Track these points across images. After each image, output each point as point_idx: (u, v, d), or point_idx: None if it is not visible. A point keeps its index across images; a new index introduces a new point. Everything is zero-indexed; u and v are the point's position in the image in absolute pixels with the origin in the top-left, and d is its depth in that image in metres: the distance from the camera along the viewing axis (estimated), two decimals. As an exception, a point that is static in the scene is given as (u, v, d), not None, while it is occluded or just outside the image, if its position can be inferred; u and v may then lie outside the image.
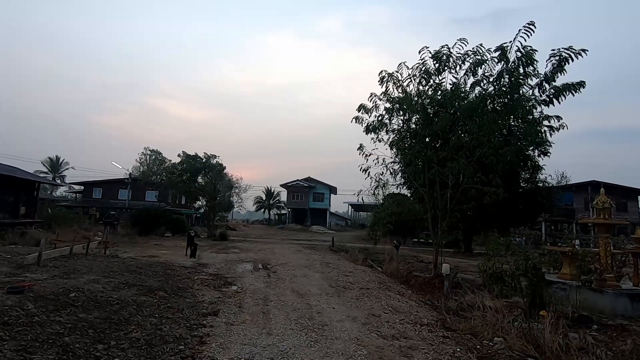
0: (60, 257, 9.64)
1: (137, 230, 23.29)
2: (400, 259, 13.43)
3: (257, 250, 16.85)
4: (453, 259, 15.29)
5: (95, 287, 6.28)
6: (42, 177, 41.33)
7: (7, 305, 4.58)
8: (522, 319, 5.65)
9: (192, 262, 11.60)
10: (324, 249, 19.43)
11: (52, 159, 57.75)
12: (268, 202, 61.20)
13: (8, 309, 4.46)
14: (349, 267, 12.22)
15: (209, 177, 27.73)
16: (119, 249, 14.31)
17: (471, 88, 10.30)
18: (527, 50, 8.74)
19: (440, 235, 11.28)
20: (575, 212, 30.51)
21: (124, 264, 9.60)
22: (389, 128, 11.28)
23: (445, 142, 10.46)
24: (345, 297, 7.62)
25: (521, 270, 6.83)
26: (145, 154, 37.59)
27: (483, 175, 9.91)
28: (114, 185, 40.34)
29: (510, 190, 14.31)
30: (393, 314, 6.52)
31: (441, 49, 9.76)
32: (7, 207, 19.86)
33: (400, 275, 11.01)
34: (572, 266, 7.87)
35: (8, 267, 7.44)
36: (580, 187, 30.81)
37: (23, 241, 14.62)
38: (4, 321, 4.14)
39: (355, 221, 64.23)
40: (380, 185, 11.72)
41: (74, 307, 5.05)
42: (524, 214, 20.70)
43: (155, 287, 7.12)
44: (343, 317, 6.05)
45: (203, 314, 5.81)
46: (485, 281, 8.13)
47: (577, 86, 8.80)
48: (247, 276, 9.67)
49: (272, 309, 6.35)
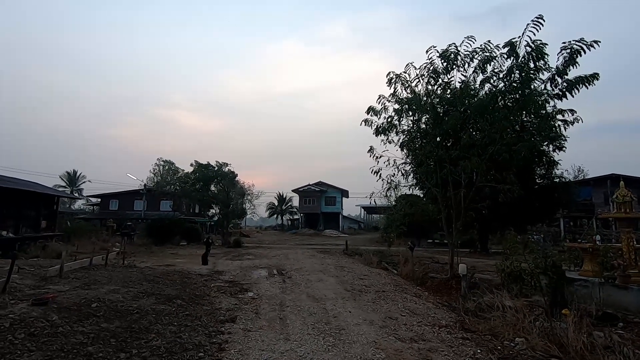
0: (80, 268, 9.85)
1: (153, 239, 23.68)
2: (416, 261, 13.29)
3: (271, 256, 16.92)
4: (469, 259, 15.05)
5: (116, 297, 6.41)
6: (60, 191, 42.54)
7: (33, 317, 4.71)
8: (543, 319, 5.54)
9: (208, 270, 11.72)
10: (338, 252, 19.36)
11: (69, 173, 59.38)
12: (280, 207, 61.47)
13: (34, 320, 4.60)
14: (364, 270, 12.15)
15: (221, 185, 28.06)
16: (136, 258, 14.56)
17: (481, 85, 10.18)
18: (537, 44, 8.59)
19: (455, 235, 11.14)
20: (594, 207, 29.69)
21: (142, 274, 9.76)
22: (398, 129, 11.25)
23: (457, 140, 10.35)
24: (361, 301, 7.59)
25: (540, 268, 6.70)
26: (158, 165, 38.21)
27: (497, 173, 9.76)
28: (129, 197, 41.17)
29: (526, 187, 14.04)
30: (410, 316, 6.45)
31: (449, 48, 9.70)
32: (29, 222, 20.49)
33: (416, 277, 10.90)
34: (594, 263, 7.65)
35: (32, 279, 7.65)
36: (599, 181, 29.96)
37: (45, 254, 15.03)
38: (30, 332, 4.27)
39: (369, 224, 63.86)
40: (392, 186, 11.65)
41: (96, 317, 5.17)
42: (541, 211, 20.26)
43: (173, 295, 7.22)
44: (360, 321, 6.02)
45: (221, 320, 5.87)
46: (504, 280, 7.98)
47: (591, 78, 8.54)
48: (263, 282, 9.72)
49: (288, 315, 6.37)
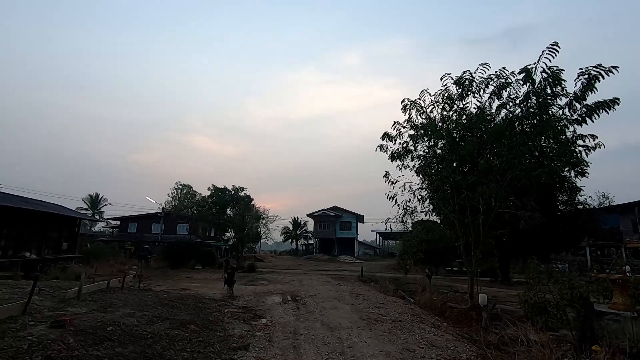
0: (98, 290, 9.98)
1: (169, 263, 23.87)
2: (434, 289, 12.88)
3: (285, 282, 16.72)
4: (490, 289, 14.48)
5: (130, 321, 6.43)
6: (82, 213, 43.81)
7: (50, 339, 4.77)
8: (572, 355, 5.22)
9: (222, 295, 11.65)
10: (353, 279, 18.98)
11: (92, 196, 61.37)
12: (295, 232, 61.19)
13: (51, 343, 4.65)
14: (380, 298, 11.83)
15: (237, 209, 28.34)
16: (151, 282, 14.64)
17: (497, 111, 10.15)
18: (553, 70, 8.58)
19: (475, 263, 10.78)
20: (622, 235, 28.26)
21: (157, 297, 9.79)
22: (414, 155, 11.25)
23: (474, 166, 10.24)
24: (377, 331, 7.35)
25: (567, 300, 6.38)
26: (177, 188, 39.15)
27: (517, 199, 9.54)
28: (147, 220, 42.01)
29: (548, 214, 13.61)
30: (429, 348, 6.19)
31: (463, 75, 9.81)
32: (51, 243, 21.08)
33: (435, 306, 10.52)
34: (625, 295, 7.21)
35: (51, 301, 7.78)
36: (626, 207, 28.64)
37: (64, 275, 15.30)
38: (47, 355, 4.30)
39: (384, 250, 62.58)
40: (408, 212, 11.50)
41: (110, 341, 5.18)
42: (565, 239, 19.45)
43: (186, 320, 7.18)
44: (376, 352, 5.82)
45: (234, 348, 5.77)
46: (527, 312, 7.61)
47: (611, 104, 8.39)
48: (277, 309, 9.57)
49: (302, 343, 6.22)
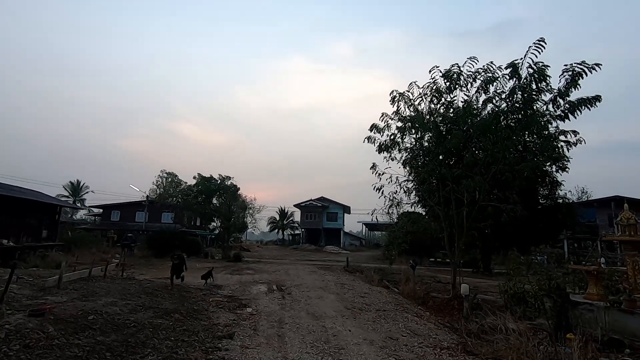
0: (79, 279, 9.80)
1: (153, 252, 23.53)
2: (417, 280, 13.12)
3: (271, 272, 16.75)
4: (472, 279, 14.83)
5: (113, 310, 6.35)
6: (63, 200, 42.58)
7: (29, 328, 4.66)
8: (547, 343, 5.41)
9: (207, 284, 11.60)
10: (339, 269, 19.14)
11: (73, 183, 59.60)
12: (282, 222, 61.13)
13: (29, 332, 4.55)
14: (365, 288, 11.99)
15: (223, 199, 28.05)
16: (135, 271, 14.46)
17: (483, 105, 10.28)
18: (539, 66, 8.73)
19: (458, 255, 11.01)
20: (598, 229, 29.34)
21: (141, 286, 9.68)
22: (401, 147, 11.32)
23: (459, 159, 10.38)
24: (361, 319, 7.46)
25: (544, 290, 6.60)
26: (161, 177, 38.44)
27: (500, 192, 9.74)
28: (131, 208, 41.12)
29: (529, 208, 13.95)
30: (411, 337, 6.33)
31: (451, 68, 9.86)
32: (31, 231, 20.49)
33: (418, 296, 10.74)
34: (599, 286, 7.51)
35: (30, 289, 7.60)
36: (603, 202, 29.72)
37: (44, 264, 14.95)
38: (25, 344, 4.21)
39: (370, 241, 63.29)
40: (395, 203, 11.63)
41: (92, 329, 5.10)
42: (545, 232, 20.06)
43: (170, 309, 7.13)
44: (360, 340, 5.91)
45: (218, 336, 5.77)
46: (507, 302, 7.85)
47: (593, 100, 8.63)
48: (262, 298, 9.60)
49: (287, 332, 6.26)
